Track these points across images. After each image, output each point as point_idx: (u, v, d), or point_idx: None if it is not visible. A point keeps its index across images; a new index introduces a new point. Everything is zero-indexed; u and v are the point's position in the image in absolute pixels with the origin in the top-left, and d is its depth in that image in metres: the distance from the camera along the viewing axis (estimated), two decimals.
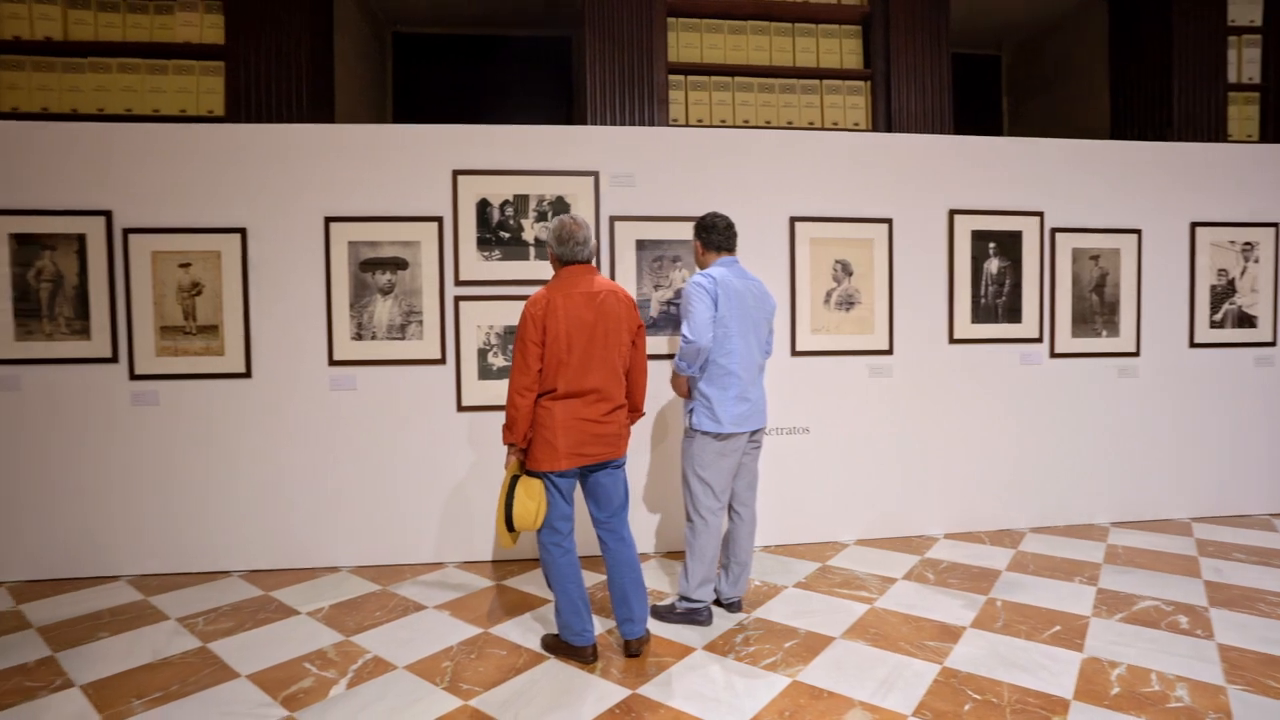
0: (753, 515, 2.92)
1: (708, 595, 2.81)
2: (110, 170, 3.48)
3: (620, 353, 2.52)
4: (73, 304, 3.42)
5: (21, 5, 4.11)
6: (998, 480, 4.03)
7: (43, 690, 2.37)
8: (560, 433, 2.41)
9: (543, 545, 2.53)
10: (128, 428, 3.46)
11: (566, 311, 2.41)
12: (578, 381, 2.42)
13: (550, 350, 2.40)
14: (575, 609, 2.50)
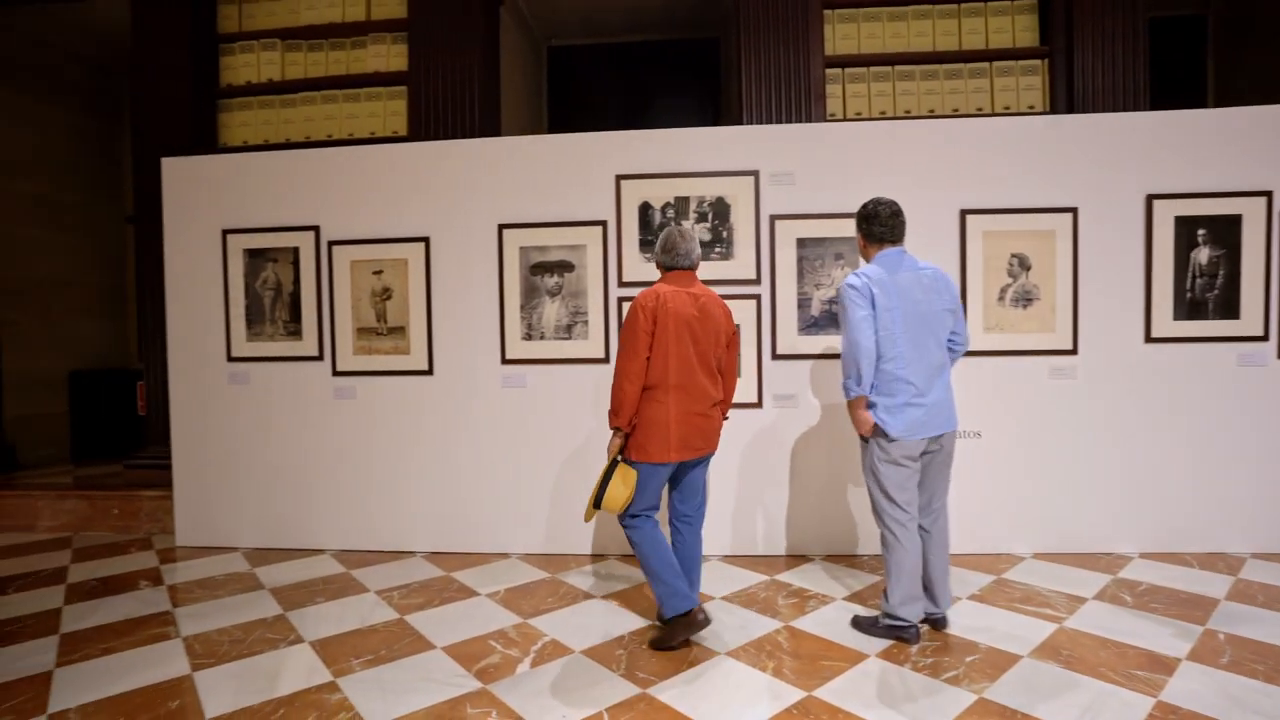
0: (942, 528, 2.72)
1: (913, 614, 2.61)
2: (318, 189, 3.92)
3: (717, 353, 2.65)
4: (288, 308, 3.89)
5: (250, 54, 4.73)
6: (1208, 496, 3.59)
7: (281, 643, 2.72)
8: (675, 426, 2.53)
9: (634, 527, 2.62)
10: (330, 419, 3.89)
11: (676, 307, 2.56)
12: (684, 376, 2.55)
13: (658, 341, 2.53)
14: (675, 571, 2.58)
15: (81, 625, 2.95)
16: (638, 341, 2.51)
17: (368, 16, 4.70)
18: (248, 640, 2.77)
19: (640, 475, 2.58)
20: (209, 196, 4.00)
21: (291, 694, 2.35)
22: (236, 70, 4.77)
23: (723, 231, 3.67)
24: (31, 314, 5.60)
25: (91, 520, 4.41)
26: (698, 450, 2.61)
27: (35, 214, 5.67)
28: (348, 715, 2.21)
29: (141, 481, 4.49)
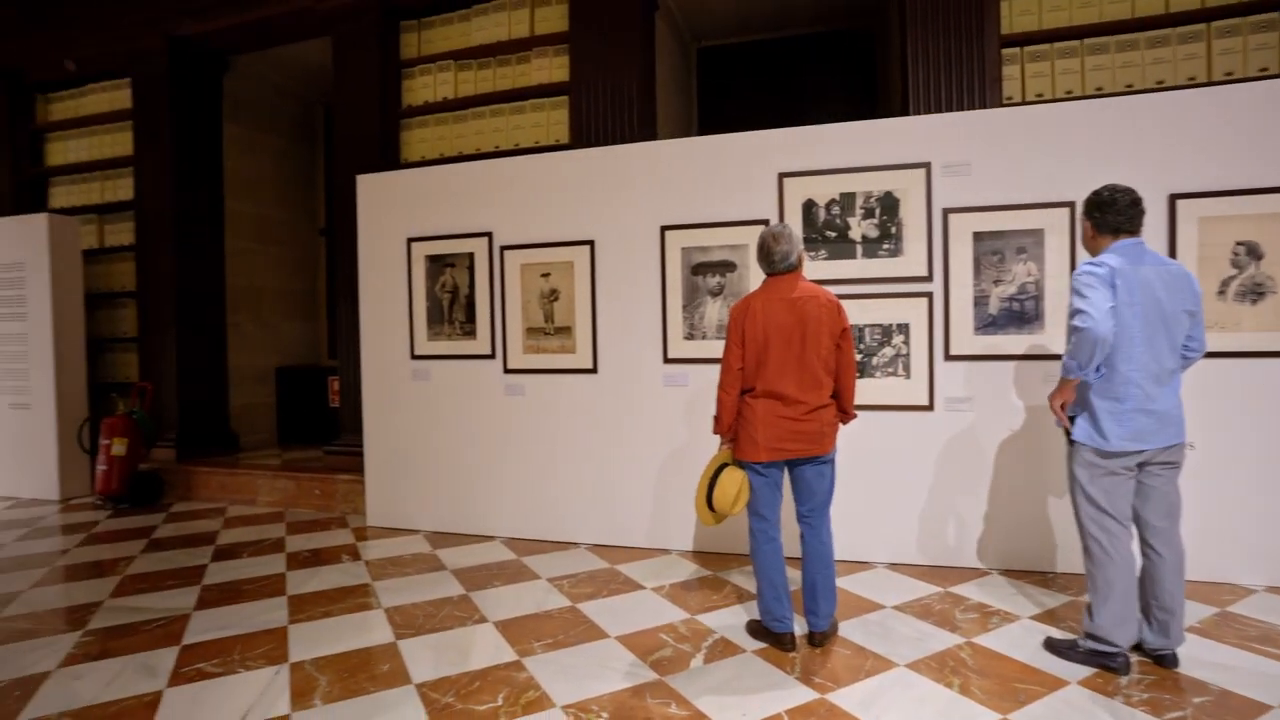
0: (1176, 551, 2.44)
1: (1122, 639, 2.38)
2: (490, 198, 4.19)
3: (821, 355, 2.56)
4: (464, 310, 4.19)
5: (428, 76, 5.14)
6: None
7: (468, 620, 2.94)
8: (760, 428, 2.56)
9: (750, 531, 2.69)
10: (501, 414, 4.14)
11: (765, 315, 2.57)
12: (776, 382, 2.55)
13: (750, 351, 2.58)
14: (776, 595, 2.62)
15: (302, 590, 3.34)
16: (729, 353, 2.63)
17: (531, 32, 4.95)
18: (439, 616, 3.01)
19: (748, 475, 2.65)
20: (395, 208, 4.40)
21: (483, 669, 2.52)
22: (416, 91, 5.20)
23: (891, 227, 3.52)
24: (249, 317, 6.42)
25: (298, 498, 4.98)
26: (792, 452, 2.58)
27: (252, 230, 6.49)
28: (535, 694, 2.34)
29: (337, 466, 5.01)
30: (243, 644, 2.75)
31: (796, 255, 2.63)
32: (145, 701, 2.33)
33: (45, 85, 6.44)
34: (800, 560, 2.71)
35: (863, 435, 3.39)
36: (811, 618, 2.65)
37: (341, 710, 2.26)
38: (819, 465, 2.63)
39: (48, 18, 6.16)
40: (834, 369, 2.62)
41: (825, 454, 2.61)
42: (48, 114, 6.49)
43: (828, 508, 2.68)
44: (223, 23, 5.63)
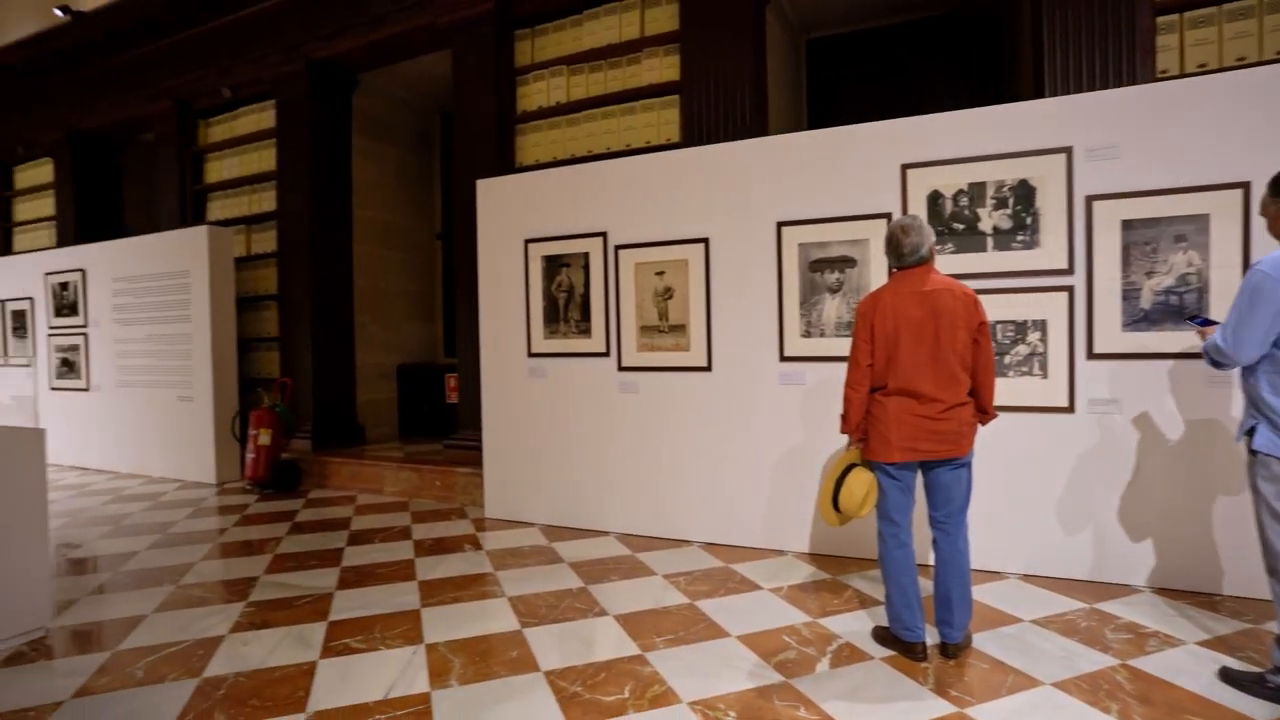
0: None
1: None
2: (605, 198, 4.26)
3: (957, 350, 2.44)
4: (580, 309, 4.28)
5: (541, 82, 5.29)
6: None
7: (588, 613, 3.00)
8: (893, 426, 2.46)
9: (879, 535, 2.60)
10: (615, 411, 4.20)
11: (895, 310, 2.47)
12: (908, 379, 2.45)
13: (879, 347, 2.49)
14: (906, 602, 2.52)
15: (430, 576, 3.52)
16: (857, 350, 2.55)
17: (642, 33, 5.00)
18: (560, 607, 3.09)
19: (878, 477, 2.56)
20: (513, 210, 4.56)
21: (607, 660, 2.57)
22: (530, 97, 5.36)
23: (1026, 218, 3.31)
24: (374, 318, 6.84)
25: (420, 489, 5.25)
26: (928, 453, 2.46)
27: (376, 235, 6.92)
28: (661, 688, 2.36)
29: (456, 460, 5.25)
30: (382, 623, 2.93)
31: (927, 247, 2.51)
32: (303, 669, 2.53)
33: (206, 112, 7.12)
34: (930, 567, 2.59)
35: (994, 436, 3.19)
36: (945, 628, 2.53)
37: (476, 692, 2.36)
38: (956, 468, 2.50)
39: (209, 53, 6.81)
40: (970, 365, 2.49)
41: (963, 456, 2.48)
42: (207, 137, 7.17)
43: (965, 513, 2.55)
44: (353, 44, 6.02)
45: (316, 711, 2.24)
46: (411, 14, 5.67)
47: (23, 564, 2.83)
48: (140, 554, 4.01)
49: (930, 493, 2.56)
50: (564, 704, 2.27)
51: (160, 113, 7.23)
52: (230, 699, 2.33)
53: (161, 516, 4.90)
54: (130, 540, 4.30)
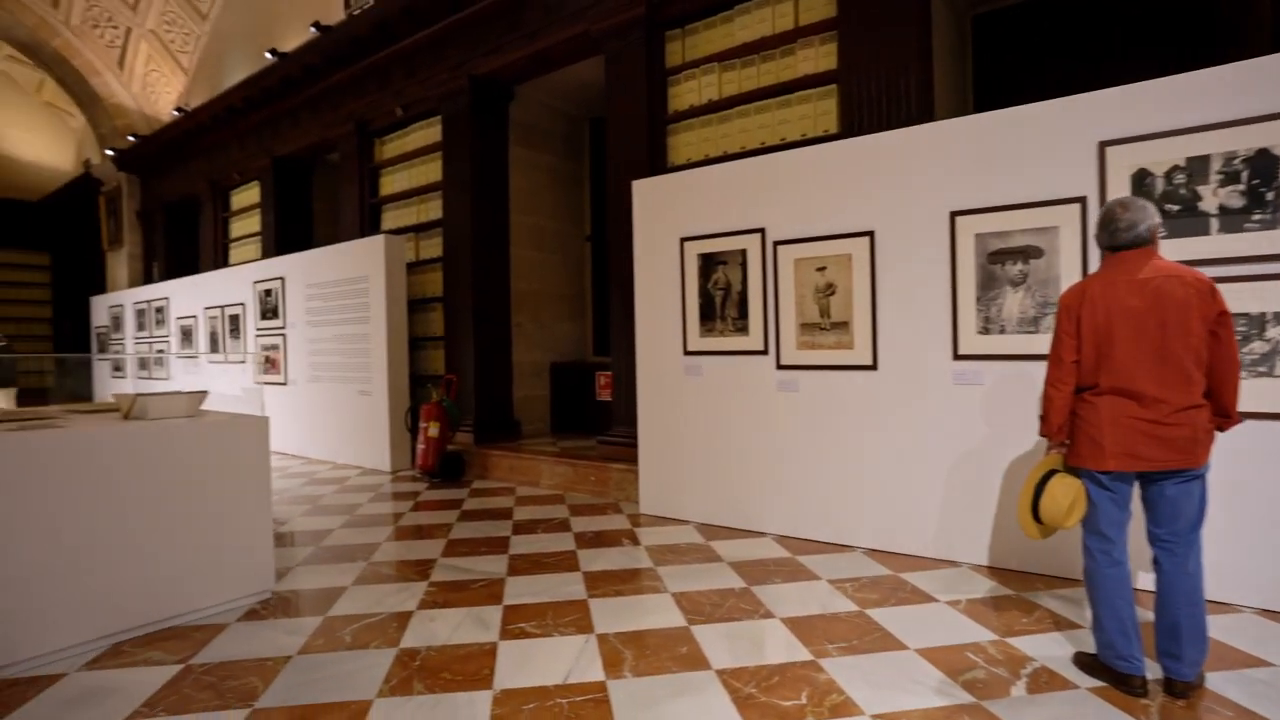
0: None
1: None
2: (761, 194, 4.19)
3: (1188, 344, 2.16)
4: (737, 306, 4.24)
5: (693, 81, 5.31)
6: None
7: (754, 615, 2.95)
8: (1106, 429, 2.22)
9: (1087, 551, 2.36)
10: (773, 410, 4.12)
11: (1106, 300, 2.24)
12: (1126, 377, 2.20)
13: (1087, 341, 2.27)
14: (1121, 628, 2.25)
15: (593, 567, 3.62)
16: (1060, 345, 2.34)
17: (796, 23, 4.88)
18: (724, 606, 3.06)
19: (1086, 487, 2.31)
20: (668, 210, 4.59)
21: (780, 664, 2.51)
22: (681, 97, 5.39)
23: (1265, 193, 2.87)
24: (529, 317, 7.18)
25: (575, 483, 5.44)
26: (1152, 462, 2.17)
27: (530, 239, 7.25)
28: (839, 697, 2.27)
29: (610, 455, 5.38)
30: (553, 611, 3.04)
31: (1147, 228, 2.24)
32: (485, 649, 2.67)
33: (381, 130, 7.80)
34: (1147, 591, 2.30)
35: (1219, 445, 2.79)
36: (1171, 663, 2.23)
37: (650, 684, 2.38)
38: (1187, 480, 2.20)
39: (385, 77, 7.46)
40: (1207, 362, 2.19)
41: (1196, 467, 2.18)
42: (382, 153, 7.86)
43: (1197, 532, 2.23)
44: (512, 57, 6.34)
45: (503, 690, 2.36)
46: (566, 25, 5.88)
47: (252, 533, 3.22)
48: (335, 531, 4.44)
49: (1152, 508, 2.27)
50: (740, 705, 2.24)
51: (344, 134, 8.01)
52: (425, 670, 2.51)
53: (349, 499, 5.41)
54: (325, 519, 4.77)
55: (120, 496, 2.82)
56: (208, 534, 3.07)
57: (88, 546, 2.73)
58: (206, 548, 3.06)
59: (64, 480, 2.68)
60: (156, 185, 12.14)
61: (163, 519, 2.93)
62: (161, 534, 2.93)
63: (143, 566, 2.87)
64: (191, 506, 3.02)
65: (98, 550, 2.75)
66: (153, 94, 12.39)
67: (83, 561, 2.72)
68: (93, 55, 11.94)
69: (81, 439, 2.75)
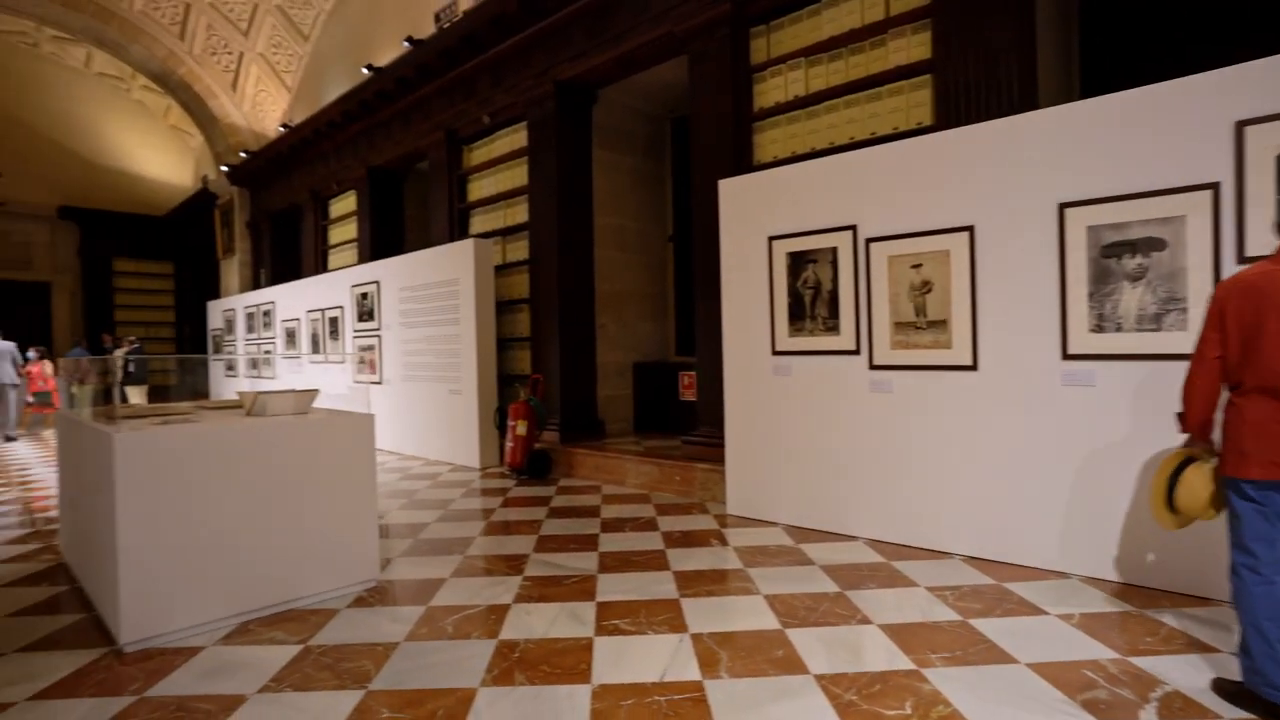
0: None
1: None
2: (852, 190, 4.09)
3: None
4: (827, 306, 4.16)
5: (779, 78, 5.24)
6: None
7: (850, 620, 2.89)
8: (1249, 435, 2.09)
9: (1232, 569, 2.20)
10: (866, 411, 4.01)
11: (1260, 292, 2.08)
12: (1272, 375, 2.05)
13: (1232, 336, 2.13)
14: (1271, 654, 2.05)
15: (683, 567, 3.63)
16: (1204, 341, 2.23)
17: (887, 14, 4.73)
18: (819, 610, 3.01)
19: (1230, 498, 2.16)
20: (755, 208, 4.55)
21: (881, 672, 2.44)
22: (767, 94, 5.33)
23: None
24: (612, 318, 7.27)
25: (660, 483, 5.46)
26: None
27: (613, 240, 7.34)
28: (946, 709, 2.19)
29: (695, 455, 5.38)
30: (646, 609, 3.07)
31: None
32: (581, 644, 2.73)
33: (468, 138, 8.08)
34: None
35: None
36: None
37: (748, 686, 2.37)
38: None
39: (473, 87, 7.72)
40: None
41: None
42: (469, 160, 8.13)
43: None
44: (596, 61, 6.43)
45: (601, 684, 2.40)
46: (650, 26, 5.92)
47: (359, 525, 3.40)
48: (430, 525, 4.62)
49: None
50: (841, 711, 2.19)
51: (434, 143, 8.33)
52: (524, 662, 2.58)
53: (442, 494, 5.62)
54: (421, 513, 4.98)
55: (246, 486, 3.04)
56: (321, 524, 3.26)
57: (221, 532, 2.96)
58: (320, 537, 3.25)
59: (202, 470, 2.92)
60: (263, 197, 13.00)
61: (282, 508, 3.14)
62: (281, 522, 3.14)
63: (266, 552, 3.08)
64: (306, 498, 3.22)
65: (229, 535, 2.98)
66: (261, 112, 13.27)
67: (217, 545, 2.94)
68: (211, 80, 12.91)
69: (216, 433, 2.98)
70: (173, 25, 12.35)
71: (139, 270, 18.04)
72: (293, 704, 2.33)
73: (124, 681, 2.51)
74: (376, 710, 2.27)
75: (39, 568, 3.91)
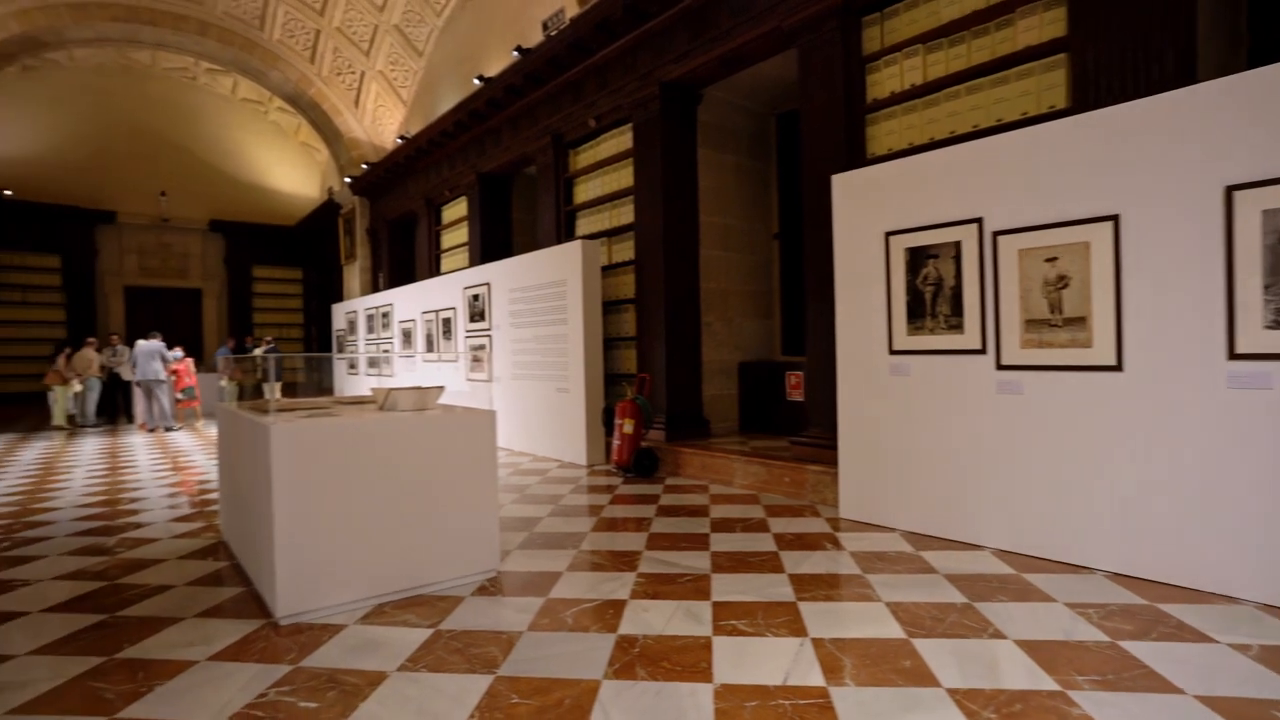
0: None
1: None
2: (977, 181, 3.87)
3: None
4: (949, 303, 3.96)
5: (894, 66, 5.04)
6: None
7: (982, 633, 2.73)
8: None
9: None
10: (992, 413, 3.79)
11: None
12: None
13: None
14: None
15: (798, 570, 3.56)
16: None
17: None
18: (945, 621, 2.87)
19: None
20: (871, 203, 4.40)
21: (1020, 690, 2.30)
22: (882, 84, 5.14)
23: None
24: (717, 317, 7.24)
25: (768, 484, 5.38)
26: None
27: (718, 239, 7.31)
28: None
29: (804, 456, 5.27)
30: (763, 610, 3.03)
31: None
32: (700, 643, 2.73)
33: (574, 142, 8.27)
34: None
35: None
36: None
37: (876, 696, 2.29)
38: None
39: (579, 91, 7.90)
40: None
41: None
42: (575, 163, 8.33)
43: None
44: (701, 60, 6.42)
45: (724, 684, 2.39)
46: (756, 22, 5.84)
47: (481, 516, 3.55)
48: (543, 520, 4.76)
49: None
50: None
51: (541, 147, 8.59)
52: (645, 657, 2.61)
53: (551, 490, 5.78)
54: (534, 507, 5.14)
55: (382, 476, 3.24)
56: (447, 515, 3.43)
57: (361, 518, 3.17)
58: (446, 527, 3.42)
59: (345, 460, 3.14)
60: (381, 205, 13.84)
61: (413, 498, 3.33)
62: (412, 511, 3.32)
63: (399, 539, 3.28)
64: (434, 489, 3.40)
65: (368, 522, 3.19)
66: (380, 126, 14.13)
67: (358, 531, 3.16)
68: (336, 99, 13.88)
69: (356, 426, 3.20)
70: (304, 50, 13.37)
71: (273, 276, 19.65)
72: (430, 684, 2.46)
73: (281, 651, 2.73)
74: (506, 695, 2.36)
75: (204, 544, 4.33)
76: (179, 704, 2.35)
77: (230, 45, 12.83)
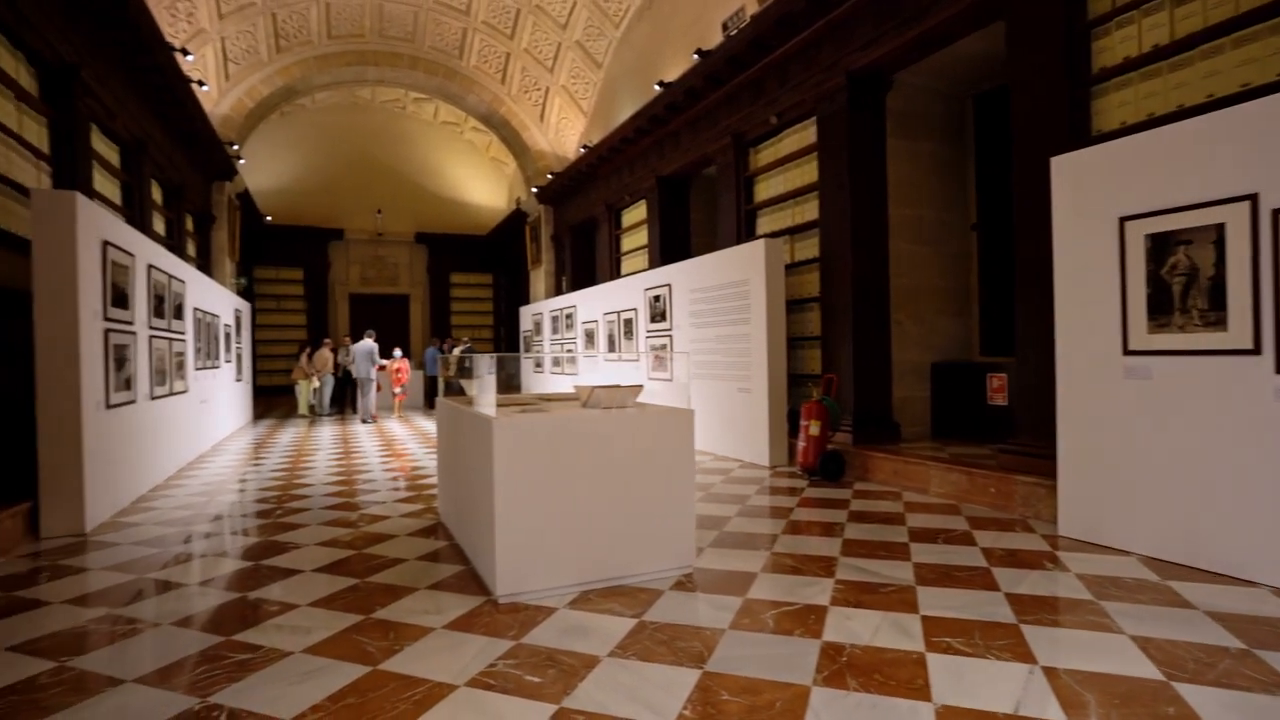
0: None
1: None
2: (1247, 152, 3.30)
3: None
4: (1206, 296, 3.42)
5: (1128, 28, 4.45)
6: None
7: (1270, 688, 2.33)
8: None
9: None
10: (1269, 425, 3.22)
11: None
12: None
13: None
14: None
15: (1016, 590, 3.26)
16: None
17: None
18: (1217, 668, 2.48)
19: None
20: (1100, 186, 3.92)
21: None
22: (1112, 49, 4.55)
23: None
24: (908, 315, 6.85)
25: (970, 494, 4.99)
26: None
27: (910, 232, 6.91)
28: None
29: (1012, 466, 4.82)
30: (980, 630, 2.81)
31: None
32: (912, 658, 2.59)
33: (755, 140, 8.21)
34: None
35: None
36: None
37: None
38: None
39: (759, 89, 7.84)
40: None
41: None
42: (756, 162, 8.27)
43: None
44: (890, 46, 6.09)
45: (944, 705, 2.25)
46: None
47: (679, 512, 3.64)
48: (732, 519, 4.77)
49: None
50: None
51: (721, 148, 8.62)
52: (854, 668, 2.53)
53: (736, 490, 5.78)
54: (720, 506, 5.17)
55: (588, 469, 3.42)
56: (647, 509, 3.55)
57: (570, 507, 3.37)
58: (646, 521, 3.54)
59: (555, 453, 3.35)
60: (564, 212, 14.64)
61: (616, 491, 3.48)
62: (615, 504, 3.48)
63: (602, 530, 3.44)
64: (636, 483, 3.53)
65: (576, 511, 3.39)
66: (562, 137, 14.96)
67: (567, 519, 3.37)
68: (524, 115, 14.91)
69: (565, 421, 3.41)
70: (496, 73, 14.50)
71: (468, 281, 21.54)
72: (640, 672, 2.55)
73: (503, 627, 2.98)
74: (716, 690, 2.40)
75: (425, 524, 4.85)
76: (426, 664, 2.65)
77: (435, 75, 14.26)
